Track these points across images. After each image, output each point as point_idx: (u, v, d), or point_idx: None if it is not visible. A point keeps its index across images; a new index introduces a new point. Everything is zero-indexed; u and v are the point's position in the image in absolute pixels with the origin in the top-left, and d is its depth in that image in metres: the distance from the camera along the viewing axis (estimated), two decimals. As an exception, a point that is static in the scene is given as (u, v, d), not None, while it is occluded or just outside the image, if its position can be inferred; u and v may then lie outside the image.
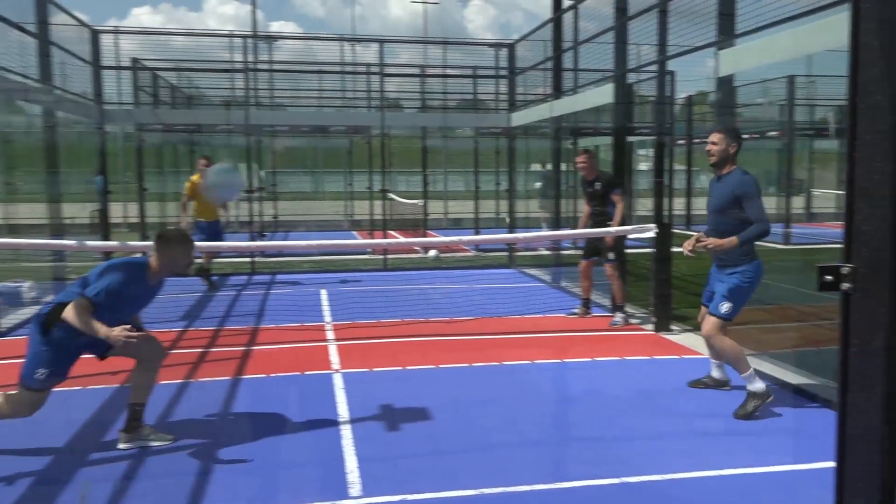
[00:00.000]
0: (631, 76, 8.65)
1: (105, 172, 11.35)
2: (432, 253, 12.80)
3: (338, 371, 5.88)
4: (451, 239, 8.67)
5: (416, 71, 17.03)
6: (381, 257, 12.24)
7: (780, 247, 14.41)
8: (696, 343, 6.79)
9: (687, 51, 7.12)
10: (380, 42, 12.92)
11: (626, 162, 9.22)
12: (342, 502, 3.59)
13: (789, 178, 16.80)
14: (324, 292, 9.65)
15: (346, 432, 4.51)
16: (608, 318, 7.79)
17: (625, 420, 4.81)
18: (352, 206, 20.38)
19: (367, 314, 8.04)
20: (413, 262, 12.34)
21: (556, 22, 10.76)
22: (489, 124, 15.36)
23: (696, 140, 19.23)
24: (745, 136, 18.27)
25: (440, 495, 3.67)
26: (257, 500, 3.64)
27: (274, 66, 16.56)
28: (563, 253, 11.39)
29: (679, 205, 18.44)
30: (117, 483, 3.79)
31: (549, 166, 12.95)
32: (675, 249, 6.54)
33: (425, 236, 15.49)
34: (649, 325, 7.45)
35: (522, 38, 13.18)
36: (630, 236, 7.72)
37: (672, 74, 13.02)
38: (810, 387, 5.32)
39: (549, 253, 11.88)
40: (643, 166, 22.01)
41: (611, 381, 5.77)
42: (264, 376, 5.77)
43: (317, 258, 12.74)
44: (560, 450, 4.50)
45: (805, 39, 5.41)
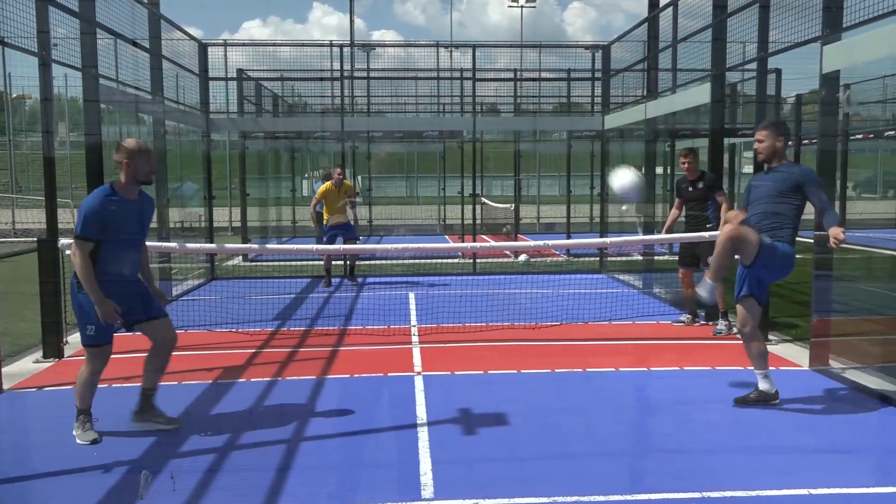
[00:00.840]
0: (735, 75, 8.29)
1: (210, 179, 11.93)
2: (522, 257, 12.73)
3: (419, 373, 5.94)
4: (540, 243, 8.56)
5: (509, 75, 17.02)
6: (471, 261, 12.28)
7: (898, 254, 13.45)
8: (795, 354, 6.44)
9: (788, 47, 6.76)
10: (472, 47, 13.00)
11: (722, 164, 8.82)
12: None
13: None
14: (412, 295, 9.78)
15: (423, 434, 4.54)
16: (712, 327, 7.48)
17: (711, 433, 4.61)
18: (444, 210, 20.56)
19: (452, 318, 8.08)
20: (502, 267, 12.31)
21: (652, 21, 10.48)
22: (582, 127, 15.12)
23: (804, 141, 18.21)
24: (859, 136, 17.24)
25: (513, 501, 3.63)
26: (335, 497, 3.72)
27: (370, 74, 16.96)
28: (657, 258, 11.06)
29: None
30: (203, 475, 3.97)
31: (642, 170, 12.59)
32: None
33: (516, 241, 15.42)
34: (745, 335, 7.10)
35: (617, 39, 12.90)
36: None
37: (778, 72, 12.45)
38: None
39: (640, 258, 11.57)
40: (748, 168, 21.10)
41: (699, 391, 5.54)
42: (348, 376, 5.91)
43: (407, 262, 12.92)
44: (640, 461, 4.35)
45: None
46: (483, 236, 15.02)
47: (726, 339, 7.12)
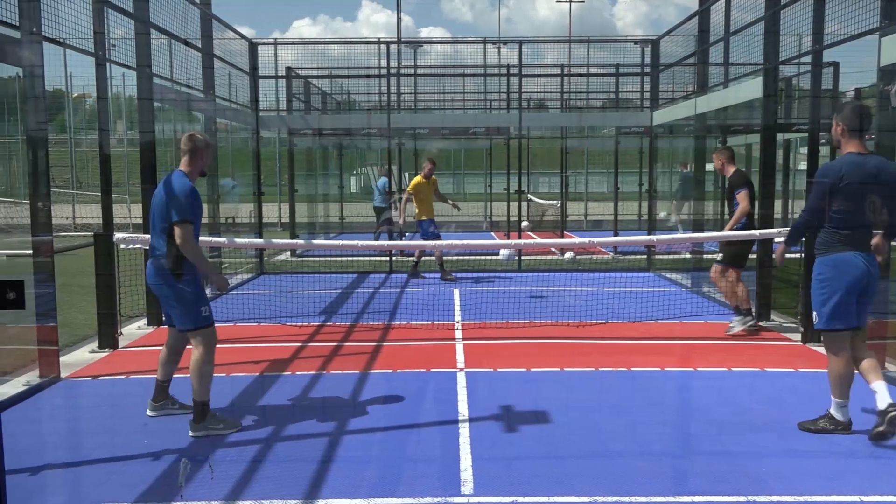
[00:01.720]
0: (790, 69, 8.05)
1: (259, 175, 12.15)
2: (568, 255, 12.62)
3: (462, 370, 5.96)
4: (587, 240, 8.48)
5: (556, 71, 16.87)
6: (516, 258, 12.22)
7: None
8: (850, 357, 6.24)
9: (843, 39, 6.55)
10: (519, 43, 12.93)
11: (774, 161, 8.60)
12: (454, 499, 3.63)
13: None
14: (456, 292, 9.80)
15: (464, 430, 4.56)
16: (765, 330, 7.30)
17: (758, 435, 4.51)
18: (490, 206, 20.51)
19: (496, 314, 8.07)
20: (548, 264, 12.24)
21: (702, 14, 10.26)
22: (631, 123, 14.89)
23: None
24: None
25: (552, 499, 3.62)
26: (375, 490, 3.76)
27: (417, 71, 17.03)
28: (706, 257, 10.83)
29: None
30: (248, 465, 4.06)
31: (690, 167, 12.38)
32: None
33: (563, 238, 15.30)
34: (797, 335, 6.93)
35: (667, 33, 12.68)
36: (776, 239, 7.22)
37: (835, 66, 12.05)
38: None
39: (689, 256, 11.36)
40: (803, 166, 20.47)
41: (746, 392, 5.43)
42: (391, 371, 5.96)
43: (453, 258, 12.94)
44: (683, 462, 4.28)
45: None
46: (529, 233, 14.93)
47: (772, 338, 6.95)
